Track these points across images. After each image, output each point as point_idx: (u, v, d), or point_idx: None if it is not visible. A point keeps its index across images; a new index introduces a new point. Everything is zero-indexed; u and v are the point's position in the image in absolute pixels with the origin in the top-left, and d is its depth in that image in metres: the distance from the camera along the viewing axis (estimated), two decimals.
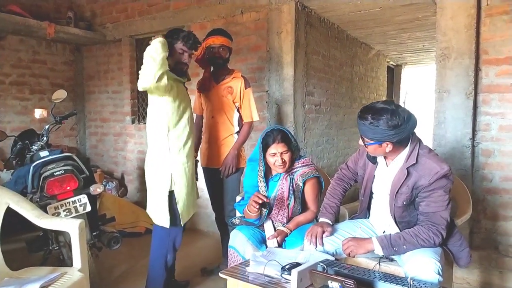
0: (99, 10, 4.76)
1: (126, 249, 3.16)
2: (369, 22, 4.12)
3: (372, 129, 1.72)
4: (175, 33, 2.33)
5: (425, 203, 1.77)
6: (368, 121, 1.72)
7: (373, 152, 1.85)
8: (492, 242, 2.74)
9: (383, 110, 1.71)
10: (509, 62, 2.61)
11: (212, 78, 2.82)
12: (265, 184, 2.25)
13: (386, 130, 1.69)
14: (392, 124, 1.68)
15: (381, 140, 1.74)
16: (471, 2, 2.64)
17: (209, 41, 2.71)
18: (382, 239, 1.78)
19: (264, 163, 2.24)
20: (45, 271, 1.96)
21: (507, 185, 2.67)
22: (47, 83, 4.79)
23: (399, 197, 1.82)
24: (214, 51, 2.71)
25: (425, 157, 1.78)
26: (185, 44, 2.31)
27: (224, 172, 2.69)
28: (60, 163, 2.55)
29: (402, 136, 1.73)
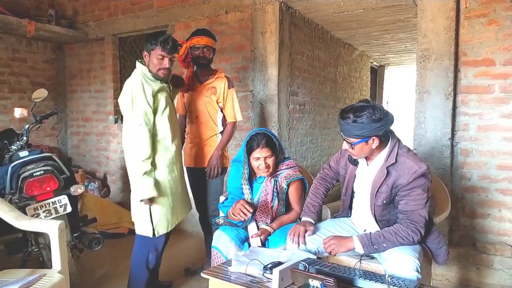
0: (81, 8, 4.69)
1: (108, 250, 3.12)
2: (353, 23, 4.16)
3: (357, 126, 1.74)
4: (153, 39, 2.30)
5: (404, 202, 1.81)
6: (351, 119, 1.75)
7: (359, 153, 1.84)
8: (470, 239, 2.81)
9: (363, 107, 1.75)
10: (487, 64, 2.68)
11: (196, 78, 2.81)
12: (249, 187, 2.26)
13: (371, 123, 1.72)
14: (375, 117, 1.72)
15: (368, 135, 1.75)
16: (451, 5, 2.69)
17: (194, 41, 2.70)
18: (362, 238, 1.81)
19: (248, 165, 2.25)
20: (24, 273, 1.93)
21: (485, 184, 2.74)
22: (28, 81, 4.69)
23: (379, 196, 1.85)
24: (199, 51, 2.70)
25: (404, 156, 1.82)
26: (164, 49, 2.26)
27: (210, 173, 2.69)
28: (40, 163, 2.50)
29: (387, 128, 1.78)
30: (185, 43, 2.74)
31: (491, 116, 2.69)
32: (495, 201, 2.71)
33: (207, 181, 2.75)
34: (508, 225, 2.69)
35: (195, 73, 2.82)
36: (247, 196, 2.26)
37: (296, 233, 1.95)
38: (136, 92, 2.20)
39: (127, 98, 2.21)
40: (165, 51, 2.27)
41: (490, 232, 2.75)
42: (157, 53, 2.27)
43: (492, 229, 2.74)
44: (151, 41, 2.30)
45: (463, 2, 2.71)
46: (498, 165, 2.69)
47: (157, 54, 2.27)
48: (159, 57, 2.27)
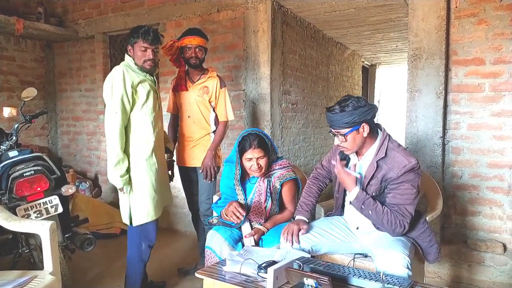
0: (70, 6, 4.63)
1: (100, 250, 3.10)
2: (344, 22, 4.18)
3: (345, 114, 1.77)
4: (134, 32, 2.34)
5: (391, 195, 1.83)
6: (338, 109, 1.80)
7: (352, 144, 1.84)
8: (461, 237, 2.84)
9: (346, 99, 1.82)
10: (477, 63, 2.71)
11: (188, 77, 2.79)
12: (241, 187, 2.25)
13: (359, 108, 1.77)
14: (360, 104, 1.78)
15: (358, 121, 1.78)
16: (441, 4, 2.72)
17: (185, 41, 2.68)
18: (361, 193, 1.83)
19: (240, 166, 2.24)
20: (15, 275, 1.90)
21: (476, 182, 2.77)
22: (16, 80, 4.62)
23: (369, 188, 1.87)
24: (191, 52, 2.68)
25: (394, 150, 1.84)
26: (146, 40, 2.30)
27: (206, 174, 2.67)
28: (30, 163, 2.46)
29: (374, 114, 1.81)
30: (176, 43, 2.72)
31: (482, 115, 2.72)
32: (485, 199, 2.75)
33: (199, 180, 2.74)
34: (499, 222, 2.72)
35: (187, 72, 2.80)
36: (240, 196, 2.25)
37: (289, 231, 1.95)
38: (116, 81, 2.24)
39: (108, 87, 2.25)
40: (147, 42, 2.30)
41: (481, 229, 2.78)
42: (140, 45, 2.31)
43: (483, 227, 2.78)
44: (133, 34, 2.34)
45: (454, 2, 2.74)
46: (489, 163, 2.72)
47: (140, 46, 2.31)
48: (142, 49, 2.31)
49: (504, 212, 2.71)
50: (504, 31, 2.61)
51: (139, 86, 2.30)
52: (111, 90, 2.23)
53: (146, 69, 2.35)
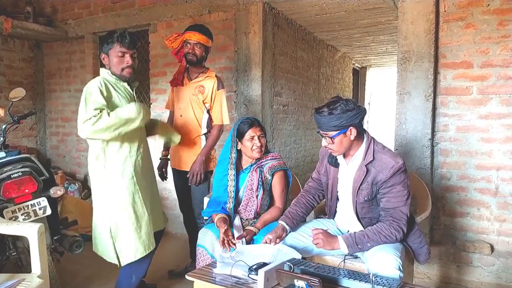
0: (60, 6, 4.58)
1: (89, 253, 3.04)
2: (335, 25, 4.21)
3: (333, 117, 1.78)
4: (109, 37, 2.13)
5: (385, 199, 1.84)
6: (326, 112, 1.79)
7: (339, 147, 1.86)
8: (450, 238, 2.88)
9: (335, 101, 1.82)
10: (465, 66, 2.75)
11: (186, 73, 2.73)
12: (234, 172, 2.27)
13: (347, 112, 1.77)
14: (349, 107, 1.78)
15: (345, 125, 1.79)
16: (430, 8, 2.75)
17: (186, 36, 2.61)
18: (347, 238, 1.83)
19: (236, 151, 2.28)
20: (2, 278, 1.86)
21: (464, 183, 2.81)
22: (4, 80, 4.55)
23: (361, 193, 1.89)
24: (189, 47, 2.60)
25: (381, 153, 1.86)
26: (123, 44, 2.09)
27: (192, 179, 2.61)
28: (18, 165, 2.43)
29: (361, 118, 1.82)
30: (180, 36, 2.65)
31: (470, 117, 2.76)
32: (474, 200, 2.79)
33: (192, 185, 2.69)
34: (487, 223, 2.76)
35: (187, 68, 2.73)
36: (230, 183, 2.26)
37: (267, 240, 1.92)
38: (91, 90, 2.03)
39: (81, 102, 2.04)
40: (124, 46, 2.09)
41: (470, 230, 2.82)
42: (116, 51, 2.10)
43: (471, 228, 2.81)
44: (106, 40, 2.13)
45: (442, 6, 2.78)
46: (477, 165, 2.76)
47: (117, 52, 2.10)
48: (119, 54, 2.10)
49: (491, 213, 2.75)
50: (491, 35, 2.66)
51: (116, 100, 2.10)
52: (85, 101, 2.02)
53: (125, 77, 2.13)
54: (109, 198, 2.17)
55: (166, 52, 3.87)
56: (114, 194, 2.16)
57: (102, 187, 2.19)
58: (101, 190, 2.19)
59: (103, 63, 2.22)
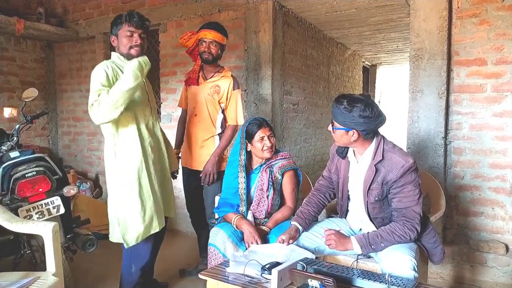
0: (71, 7, 4.63)
1: (101, 251, 3.08)
2: (345, 22, 4.18)
3: (344, 114, 1.77)
4: (117, 18, 2.14)
5: (397, 199, 1.82)
6: (343, 106, 1.78)
7: (339, 139, 1.88)
8: (463, 237, 2.84)
9: (359, 100, 1.78)
10: (479, 63, 2.71)
11: (202, 72, 2.69)
12: (245, 174, 2.26)
13: (356, 118, 1.75)
14: (363, 114, 1.75)
15: (349, 126, 1.79)
16: (443, 5, 2.71)
17: (201, 34, 2.58)
18: (360, 238, 1.81)
19: (245, 152, 2.27)
20: (17, 276, 1.89)
21: (477, 182, 2.77)
22: (17, 81, 4.61)
23: (371, 193, 1.87)
24: (204, 46, 2.57)
25: (390, 152, 1.84)
26: (131, 23, 2.09)
27: (205, 180, 2.60)
28: (32, 164, 2.46)
29: (369, 128, 1.79)
30: (195, 34, 2.62)
31: (484, 115, 2.72)
32: (488, 199, 2.75)
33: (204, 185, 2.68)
34: (501, 223, 2.72)
35: (201, 67, 2.69)
36: (241, 185, 2.26)
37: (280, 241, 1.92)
38: (94, 74, 2.07)
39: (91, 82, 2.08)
40: (132, 25, 2.10)
41: (484, 230, 2.78)
42: (125, 31, 2.11)
43: (485, 227, 2.77)
44: (115, 22, 2.15)
45: (455, 2, 2.74)
46: (491, 163, 2.72)
47: (125, 32, 2.11)
48: (128, 33, 2.11)
49: (506, 212, 2.70)
50: (506, 32, 2.61)
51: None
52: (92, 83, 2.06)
53: (132, 56, 2.11)
54: (118, 184, 2.18)
55: (176, 51, 3.89)
56: (122, 178, 2.16)
57: (113, 176, 2.20)
58: (113, 179, 2.20)
59: (113, 45, 2.23)
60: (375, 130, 1.84)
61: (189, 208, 2.92)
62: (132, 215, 2.16)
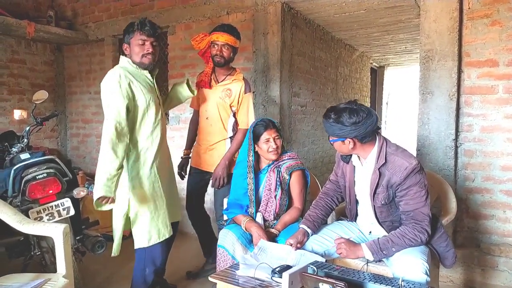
0: (80, 9, 4.67)
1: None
2: (354, 24, 4.16)
3: (333, 126, 1.81)
4: (130, 26, 2.17)
5: (403, 202, 1.81)
6: (331, 119, 1.81)
7: (339, 150, 1.93)
8: (474, 241, 2.80)
9: (343, 109, 1.81)
10: (490, 65, 2.68)
11: (214, 75, 2.67)
12: (253, 175, 2.27)
13: (346, 127, 1.78)
14: (351, 121, 1.77)
15: (343, 136, 1.81)
16: (454, 6, 2.69)
17: (213, 37, 2.55)
18: (371, 245, 1.80)
19: (253, 153, 2.28)
20: (28, 278, 1.90)
21: (488, 185, 2.73)
22: (27, 83, 4.66)
23: (377, 197, 1.86)
24: (216, 48, 2.54)
25: (393, 154, 1.83)
26: (143, 32, 2.12)
27: (215, 183, 2.58)
28: (43, 166, 2.48)
29: (361, 133, 1.79)
30: (207, 37, 2.59)
31: (495, 117, 2.68)
32: (499, 202, 2.71)
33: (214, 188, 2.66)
34: None
35: (214, 69, 2.67)
36: (250, 186, 2.27)
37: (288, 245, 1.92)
38: (112, 87, 2.06)
39: (103, 94, 2.10)
40: (144, 34, 2.13)
41: (495, 233, 2.74)
42: (137, 39, 2.14)
43: (496, 231, 2.73)
44: (128, 30, 2.18)
45: (466, 3, 2.71)
46: (502, 166, 2.68)
47: (137, 40, 2.14)
48: (140, 42, 2.14)
49: None
50: None
51: (137, 92, 2.12)
52: (107, 98, 2.07)
53: (144, 64, 2.16)
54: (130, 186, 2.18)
55: (185, 54, 3.90)
56: (135, 183, 2.18)
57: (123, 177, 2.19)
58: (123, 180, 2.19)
59: (124, 53, 2.24)
60: (370, 132, 1.82)
61: (187, 207, 2.89)
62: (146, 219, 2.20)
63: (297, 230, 2.00)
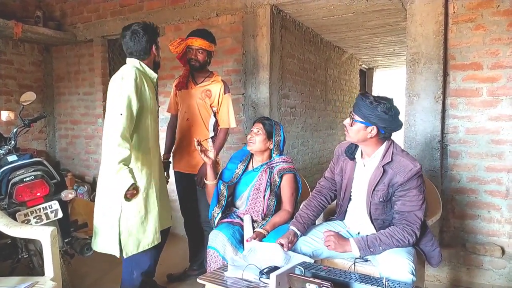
0: (69, 10, 4.63)
1: (99, 255, 3.08)
2: (342, 26, 4.20)
3: (369, 108, 1.80)
4: (154, 31, 2.26)
5: (400, 202, 1.84)
6: (369, 100, 1.82)
7: (354, 135, 1.88)
8: (460, 240, 2.86)
9: (385, 99, 1.84)
10: (474, 68, 2.73)
11: (191, 78, 2.74)
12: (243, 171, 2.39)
13: (382, 114, 1.79)
14: (388, 113, 1.79)
15: (371, 121, 1.81)
16: (439, 10, 2.74)
17: (188, 41, 2.64)
18: (359, 241, 1.83)
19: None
20: (15, 281, 1.89)
21: (474, 186, 2.79)
22: (14, 84, 4.61)
23: (376, 194, 1.88)
24: (191, 53, 2.64)
25: (399, 155, 1.86)
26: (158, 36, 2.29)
27: (200, 183, 2.61)
28: (30, 168, 2.46)
29: (389, 127, 1.83)
30: (184, 41, 2.67)
31: (480, 119, 2.74)
32: (484, 202, 2.77)
33: (198, 188, 2.69)
34: (497, 226, 2.74)
35: (191, 72, 2.75)
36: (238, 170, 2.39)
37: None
38: (127, 79, 2.04)
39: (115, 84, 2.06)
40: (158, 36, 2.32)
41: (480, 233, 2.80)
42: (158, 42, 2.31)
43: (481, 230, 2.79)
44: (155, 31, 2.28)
45: (452, 7, 2.77)
46: (487, 167, 2.74)
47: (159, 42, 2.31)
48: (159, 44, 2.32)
49: (502, 215, 2.72)
50: (501, 36, 2.64)
51: (146, 96, 2.15)
52: (120, 87, 2.02)
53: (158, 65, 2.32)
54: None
55: (174, 55, 3.88)
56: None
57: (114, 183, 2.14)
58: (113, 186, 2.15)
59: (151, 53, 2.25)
60: (392, 132, 1.88)
61: (183, 211, 2.92)
62: (135, 226, 2.17)
63: (287, 231, 2.02)
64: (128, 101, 2.01)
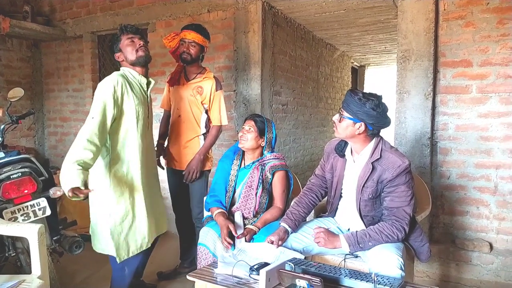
0: (58, 5, 4.56)
1: (89, 253, 3.05)
2: (334, 23, 4.21)
3: (358, 104, 1.81)
4: (114, 36, 2.26)
5: (389, 198, 1.85)
6: (358, 97, 1.82)
7: (342, 131, 1.89)
8: (449, 236, 2.89)
9: (374, 95, 1.85)
10: (464, 65, 2.75)
11: (184, 74, 2.72)
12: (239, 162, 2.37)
13: (370, 110, 1.80)
14: (376, 109, 1.80)
15: (359, 118, 1.82)
16: (430, 7, 2.75)
17: (181, 34, 2.62)
18: (348, 237, 1.83)
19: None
20: (2, 279, 1.86)
21: (463, 182, 2.81)
22: (2, 80, 4.53)
23: (365, 190, 1.89)
24: (184, 46, 2.60)
25: (388, 152, 1.87)
26: (128, 32, 2.20)
27: (188, 177, 2.60)
28: (17, 165, 2.41)
29: (377, 123, 1.83)
30: (178, 35, 2.64)
31: (469, 116, 2.76)
32: (473, 198, 2.79)
33: (190, 184, 2.68)
34: (486, 221, 2.77)
35: (184, 68, 2.72)
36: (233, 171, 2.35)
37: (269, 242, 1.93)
38: (106, 85, 2.07)
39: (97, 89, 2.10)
40: (130, 33, 2.21)
41: (469, 229, 2.83)
42: (125, 39, 2.20)
43: (470, 226, 2.82)
44: (114, 39, 2.25)
45: (442, 4, 2.78)
46: (476, 163, 2.76)
47: (126, 41, 2.20)
48: (129, 41, 2.20)
49: (490, 211, 2.75)
50: (490, 34, 2.66)
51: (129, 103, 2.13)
52: (97, 93, 2.07)
53: (141, 58, 2.18)
54: (111, 196, 2.16)
55: (165, 51, 3.85)
56: (117, 192, 2.16)
57: (104, 185, 2.17)
58: (103, 188, 2.17)
59: (120, 62, 2.25)
60: (380, 129, 1.88)
61: (174, 208, 2.90)
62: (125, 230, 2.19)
63: (278, 228, 2.02)
64: (103, 106, 2.03)
